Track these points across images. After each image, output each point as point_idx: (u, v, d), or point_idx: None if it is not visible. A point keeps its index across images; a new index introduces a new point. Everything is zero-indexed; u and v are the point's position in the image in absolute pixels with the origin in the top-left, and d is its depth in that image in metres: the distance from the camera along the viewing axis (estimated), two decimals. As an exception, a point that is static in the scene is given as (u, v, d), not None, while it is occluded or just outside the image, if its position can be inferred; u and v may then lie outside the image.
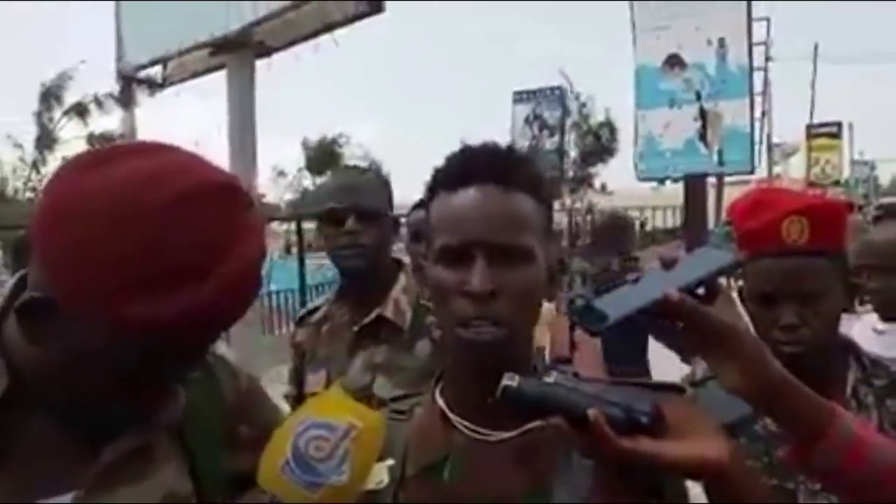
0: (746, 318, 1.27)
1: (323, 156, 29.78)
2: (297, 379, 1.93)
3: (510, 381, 0.77)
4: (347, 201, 1.78)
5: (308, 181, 29.28)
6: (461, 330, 0.86)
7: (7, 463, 0.82)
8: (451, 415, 0.91)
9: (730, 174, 16.52)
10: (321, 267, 11.08)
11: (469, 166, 0.90)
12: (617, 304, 0.80)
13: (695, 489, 0.89)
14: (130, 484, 0.90)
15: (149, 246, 0.74)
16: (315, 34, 5.23)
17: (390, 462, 0.90)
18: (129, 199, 0.75)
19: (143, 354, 0.78)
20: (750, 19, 15.35)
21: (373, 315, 1.76)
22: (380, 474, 0.88)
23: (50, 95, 26.13)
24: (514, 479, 0.86)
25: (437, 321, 0.95)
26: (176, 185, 0.76)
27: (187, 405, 0.97)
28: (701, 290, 0.82)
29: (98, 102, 24.97)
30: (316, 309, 1.95)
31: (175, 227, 0.75)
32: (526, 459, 0.86)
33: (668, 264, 0.82)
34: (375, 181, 1.90)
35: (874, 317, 2.12)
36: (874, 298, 2.04)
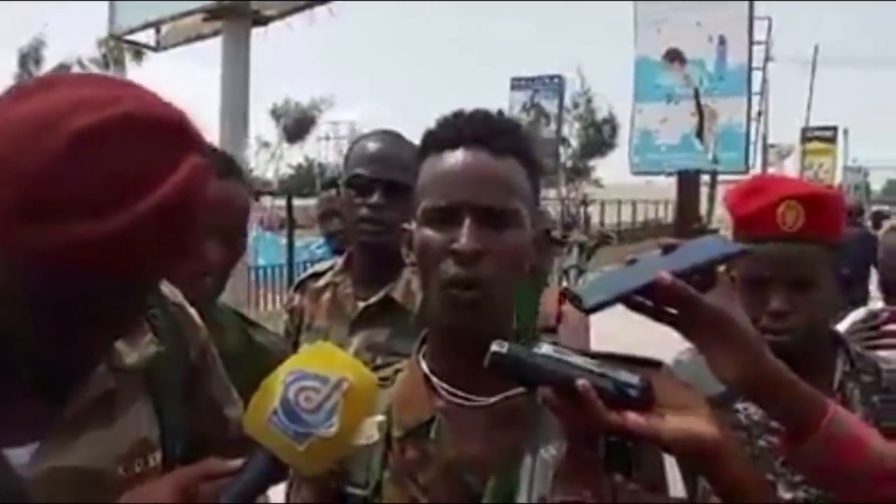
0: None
1: (300, 123, 29.57)
2: (290, 343, 1.83)
3: (499, 347, 0.77)
4: (378, 172, 1.63)
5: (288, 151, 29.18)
6: (445, 291, 0.86)
7: None
8: (434, 378, 0.92)
9: (724, 172, 16.55)
10: (308, 245, 11.06)
11: (459, 129, 0.90)
12: (611, 284, 0.80)
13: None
14: (96, 431, 0.89)
15: (50, 173, 0.69)
16: (311, 4, 5.16)
17: (380, 418, 0.90)
18: (41, 126, 0.71)
19: (54, 289, 0.74)
20: (752, 18, 15.34)
21: (381, 294, 1.67)
22: (370, 430, 0.88)
23: (28, 59, 26.51)
24: (495, 443, 0.87)
25: (420, 284, 0.94)
26: (97, 114, 0.71)
27: (156, 354, 0.95)
28: (697, 278, 0.81)
29: (81, 65, 25.19)
30: (318, 275, 1.85)
31: (87, 157, 0.70)
32: (505, 424, 0.87)
33: (667, 249, 0.82)
34: (410, 152, 1.75)
35: None
36: None
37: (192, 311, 1.07)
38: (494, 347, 0.77)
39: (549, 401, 0.75)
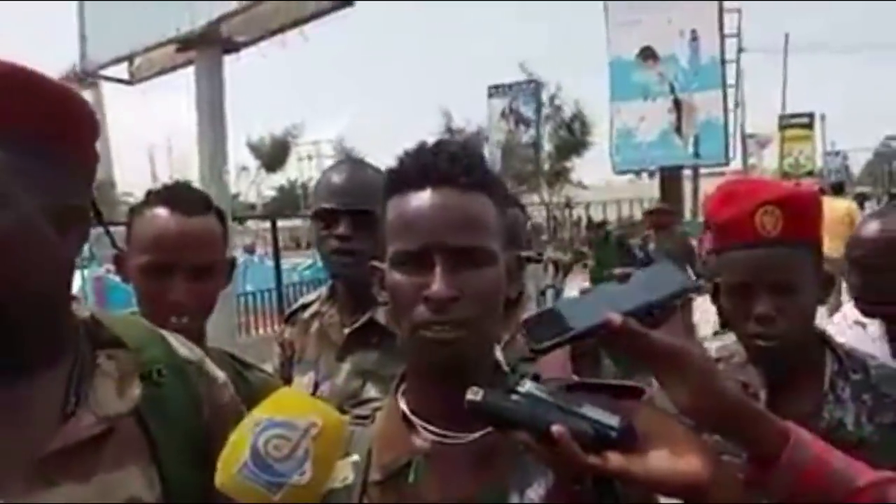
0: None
1: (276, 153, 30.07)
2: (283, 377, 1.82)
3: (474, 395, 0.76)
4: (341, 202, 1.65)
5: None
6: (421, 331, 0.83)
7: None
8: (413, 418, 0.90)
9: (705, 166, 16.65)
10: (296, 267, 10.99)
11: (424, 167, 0.87)
12: (563, 320, 0.77)
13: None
14: (70, 483, 0.83)
15: None
16: (283, 29, 5.14)
17: (355, 458, 0.88)
18: None
19: None
20: (721, 11, 15.48)
21: (364, 318, 1.67)
22: (344, 471, 0.85)
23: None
24: (477, 481, 0.85)
25: (394, 324, 0.92)
26: None
27: (157, 397, 0.91)
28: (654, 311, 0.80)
29: None
30: (306, 305, 1.86)
31: None
32: (488, 461, 0.85)
33: (621, 279, 0.81)
34: (376, 179, 1.68)
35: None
36: None
37: (213, 369, 1.02)
38: (469, 396, 0.75)
39: (527, 446, 0.74)
